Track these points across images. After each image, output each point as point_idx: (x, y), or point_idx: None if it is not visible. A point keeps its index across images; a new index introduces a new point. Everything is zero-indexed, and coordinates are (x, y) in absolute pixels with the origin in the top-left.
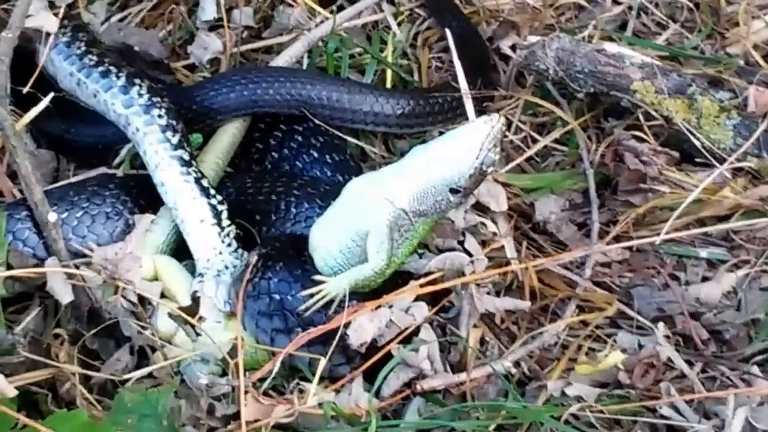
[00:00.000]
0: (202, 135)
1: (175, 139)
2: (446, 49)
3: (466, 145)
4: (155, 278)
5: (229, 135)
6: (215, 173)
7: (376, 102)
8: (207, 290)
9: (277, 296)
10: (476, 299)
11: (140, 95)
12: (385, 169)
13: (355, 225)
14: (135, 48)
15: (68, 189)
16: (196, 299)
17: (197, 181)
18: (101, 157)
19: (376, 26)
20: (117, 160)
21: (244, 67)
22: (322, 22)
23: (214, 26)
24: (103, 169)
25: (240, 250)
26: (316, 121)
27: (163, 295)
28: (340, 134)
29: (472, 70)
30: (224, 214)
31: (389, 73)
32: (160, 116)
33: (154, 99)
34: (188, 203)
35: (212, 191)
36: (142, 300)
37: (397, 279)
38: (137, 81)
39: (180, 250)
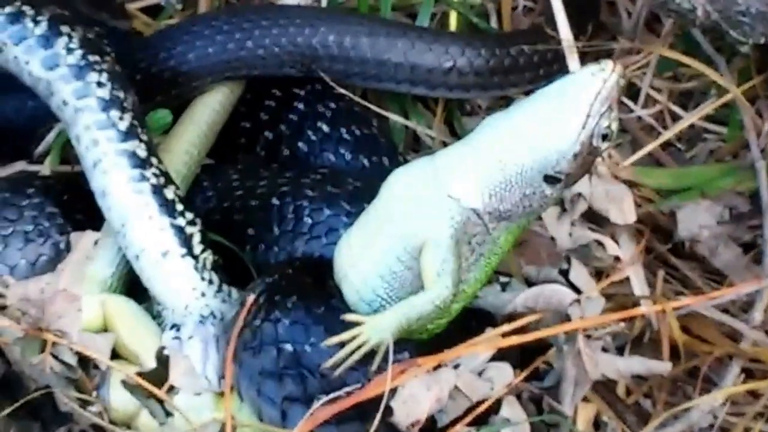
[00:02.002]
0: (171, 111)
1: (123, 123)
2: None
3: (566, 108)
4: (104, 328)
5: (209, 110)
6: (188, 169)
7: (413, 48)
8: (191, 354)
9: (289, 347)
10: (587, 358)
11: (69, 50)
12: (443, 152)
13: (403, 237)
14: None
15: None
16: (164, 360)
17: (157, 190)
18: (17, 144)
19: None
20: (40, 149)
21: (231, 6)
22: None
23: None
24: (20, 165)
25: (226, 287)
26: (328, 81)
27: (116, 355)
28: (380, 110)
29: (577, 12)
30: (196, 238)
31: (453, 16)
32: (100, 84)
33: (91, 57)
34: (142, 227)
35: (179, 205)
36: (85, 361)
37: (469, 321)
38: (65, 29)
39: (137, 284)
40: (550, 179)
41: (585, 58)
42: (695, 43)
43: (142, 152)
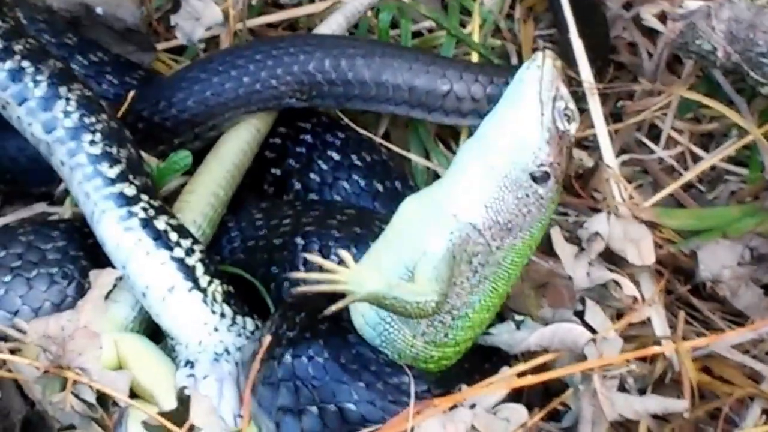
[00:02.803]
0: (197, 152)
1: (113, 171)
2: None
3: (519, 104)
4: (118, 367)
5: (235, 149)
6: (213, 210)
7: (410, 69)
8: (205, 391)
9: (288, 358)
10: (603, 398)
11: (66, 114)
12: (441, 179)
13: (405, 256)
14: (97, 11)
15: None
16: (185, 400)
17: (147, 224)
18: (40, 183)
19: None
20: (60, 188)
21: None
22: None
23: None
24: (41, 207)
25: (240, 319)
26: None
27: (131, 393)
28: (402, 151)
29: (593, 53)
30: (199, 270)
31: (475, 57)
32: (92, 143)
33: (87, 119)
34: (142, 264)
35: (173, 234)
36: (103, 400)
37: (483, 361)
38: (63, 91)
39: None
40: (537, 177)
41: (605, 99)
42: (716, 85)
43: (131, 191)
